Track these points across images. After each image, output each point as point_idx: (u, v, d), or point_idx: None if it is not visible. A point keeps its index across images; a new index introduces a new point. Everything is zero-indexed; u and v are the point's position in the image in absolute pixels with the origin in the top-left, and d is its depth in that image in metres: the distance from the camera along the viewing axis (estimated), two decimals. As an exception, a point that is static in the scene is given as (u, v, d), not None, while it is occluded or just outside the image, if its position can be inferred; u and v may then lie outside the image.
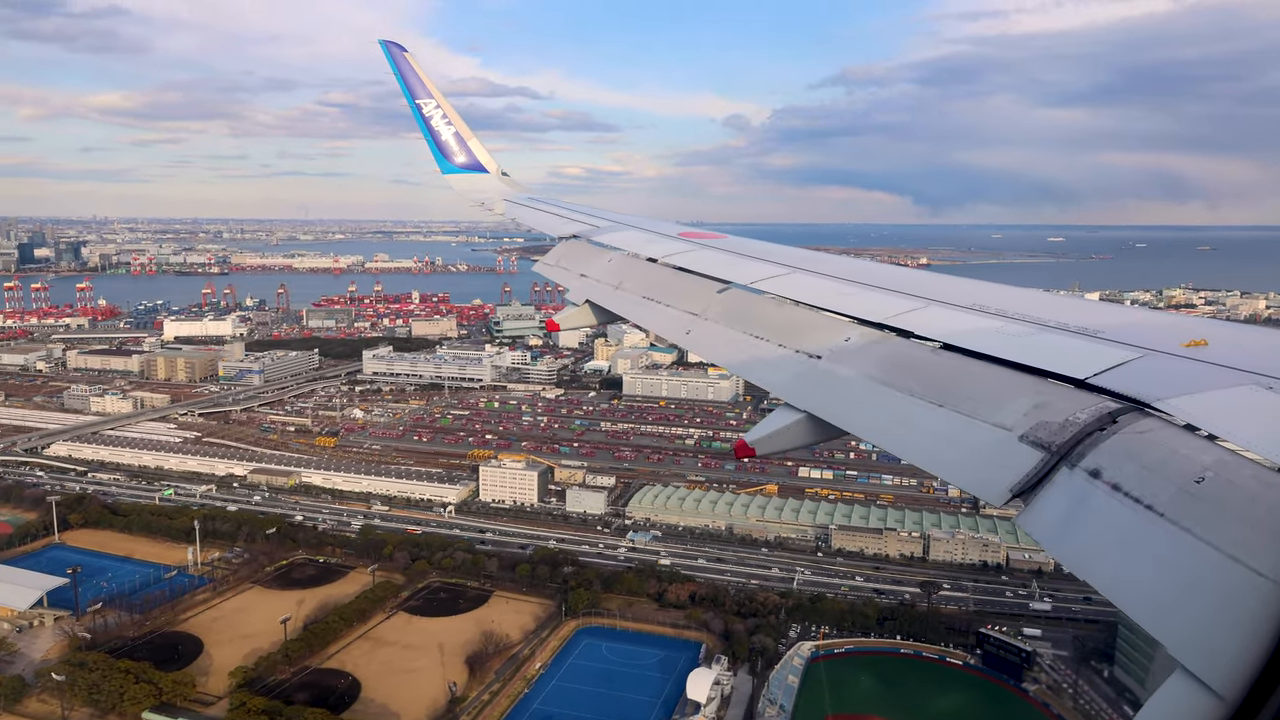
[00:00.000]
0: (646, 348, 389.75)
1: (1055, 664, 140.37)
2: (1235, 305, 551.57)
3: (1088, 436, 6.76)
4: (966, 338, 9.47)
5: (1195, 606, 5.11)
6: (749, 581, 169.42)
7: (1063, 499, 6.47)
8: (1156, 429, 6.54)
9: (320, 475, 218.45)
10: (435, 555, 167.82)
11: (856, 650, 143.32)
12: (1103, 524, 6.05)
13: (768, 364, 11.50)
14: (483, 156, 32.24)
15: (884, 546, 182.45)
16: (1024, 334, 9.38)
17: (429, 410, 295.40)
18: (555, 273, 20.09)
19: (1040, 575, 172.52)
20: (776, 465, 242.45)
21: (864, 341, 10.53)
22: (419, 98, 30.48)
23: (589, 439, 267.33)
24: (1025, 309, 10.27)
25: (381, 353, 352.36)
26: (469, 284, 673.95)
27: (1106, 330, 8.96)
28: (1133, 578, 5.68)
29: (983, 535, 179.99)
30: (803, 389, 10.31)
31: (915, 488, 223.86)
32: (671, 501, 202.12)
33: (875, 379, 9.59)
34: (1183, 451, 6.08)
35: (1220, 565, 5.07)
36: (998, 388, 8.24)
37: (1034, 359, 8.38)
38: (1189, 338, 8.21)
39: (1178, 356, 7.93)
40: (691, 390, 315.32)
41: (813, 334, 11.35)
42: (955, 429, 8.00)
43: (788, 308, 12.65)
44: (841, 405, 9.69)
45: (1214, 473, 5.70)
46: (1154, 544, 5.61)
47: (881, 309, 11.18)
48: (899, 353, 9.96)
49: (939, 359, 9.47)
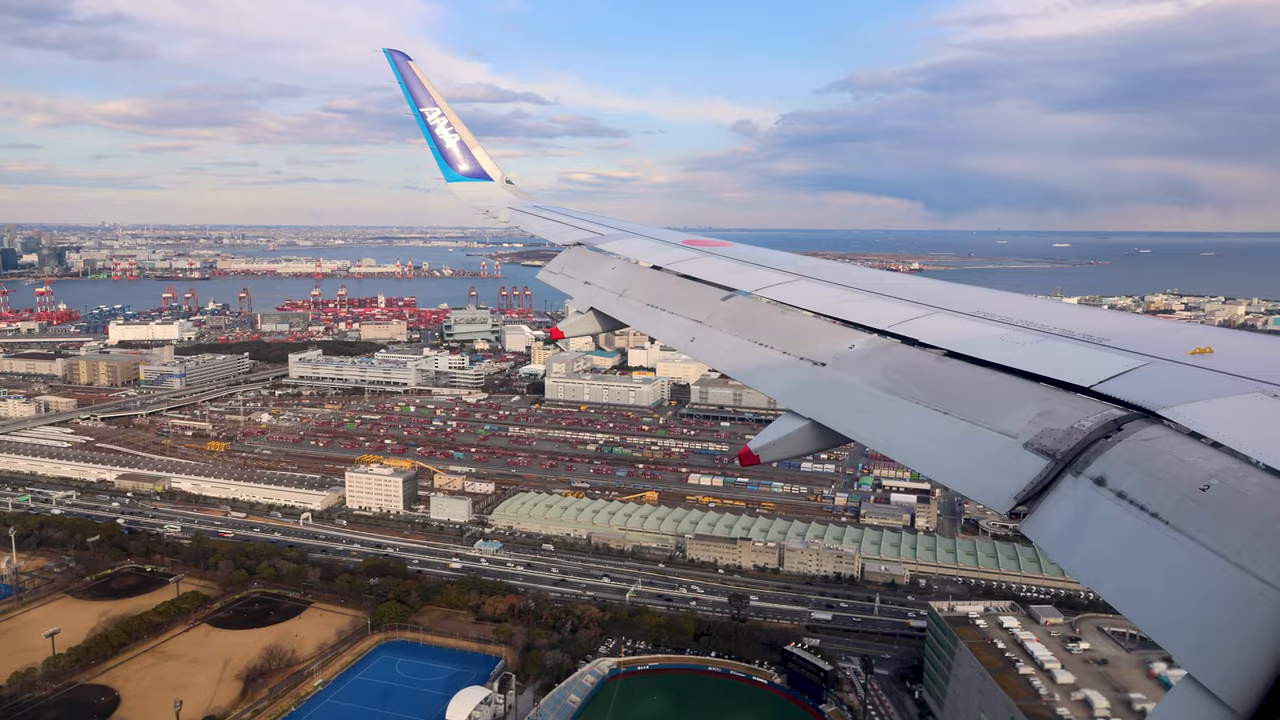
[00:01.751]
0: (587, 352, 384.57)
1: (871, 682, 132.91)
2: (1214, 310, 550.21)
3: (1093, 444, 6.69)
4: (971, 345, 9.41)
5: (1201, 616, 5.03)
6: (584, 593, 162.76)
7: (1067, 507, 6.39)
8: (1162, 436, 6.46)
9: (190, 481, 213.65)
10: (259, 564, 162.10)
11: (661, 667, 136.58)
12: (1108, 532, 5.94)
13: (772, 371, 11.40)
14: (487, 164, 31.94)
15: (738, 557, 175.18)
16: (1029, 341, 9.30)
17: (340, 415, 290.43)
18: (559, 280, 19.93)
19: (894, 588, 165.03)
20: (669, 471, 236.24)
21: (868, 349, 10.48)
22: (423, 106, 30.33)
23: (492, 444, 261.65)
24: (1030, 316, 10.18)
25: (309, 356, 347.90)
26: (445, 288, 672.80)
27: (1111, 337, 8.83)
28: (1138, 586, 5.60)
29: (838, 547, 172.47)
30: (806, 396, 10.23)
31: (803, 496, 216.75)
32: (537, 510, 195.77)
33: (879, 386, 9.52)
34: (1188, 459, 6.01)
35: (1227, 574, 5.01)
36: (1002, 395, 8.16)
37: (1039, 366, 8.29)
38: (1194, 345, 8.06)
39: (1183, 364, 7.79)
40: (614, 395, 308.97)
41: (817, 341, 11.28)
42: (959, 436, 7.94)
43: (792, 315, 12.67)
44: (845, 412, 9.61)
45: (1220, 480, 5.63)
46: (1159, 552, 5.53)
47: (886, 316, 11.12)
48: (903, 360, 9.88)
49: (943, 366, 9.35)
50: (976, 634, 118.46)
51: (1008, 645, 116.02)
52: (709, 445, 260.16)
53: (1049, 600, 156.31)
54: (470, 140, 31.64)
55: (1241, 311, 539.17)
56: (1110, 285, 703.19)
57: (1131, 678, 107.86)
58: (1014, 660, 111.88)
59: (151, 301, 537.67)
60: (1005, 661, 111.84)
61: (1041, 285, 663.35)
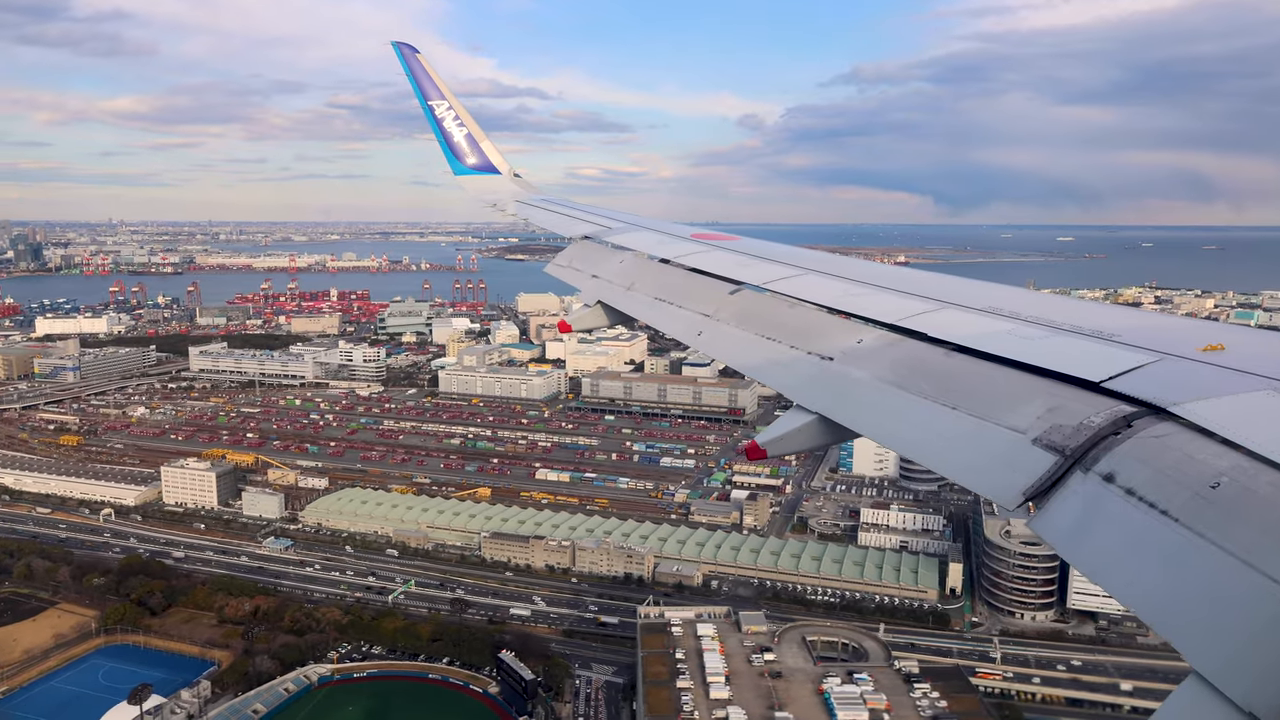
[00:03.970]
0: (505, 344, 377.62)
1: (598, 692, 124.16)
2: (1181, 304, 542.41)
3: (1102, 440, 6.59)
4: (980, 340, 9.28)
5: (1210, 614, 5.01)
6: (347, 595, 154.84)
7: (1076, 503, 6.30)
8: (1172, 433, 6.36)
9: (12, 476, 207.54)
10: (16, 563, 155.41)
11: (379, 674, 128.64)
12: (1116, 529, 5.89)
13: (779, 365, 11.28)
14: (495, 158, 31.49)
15: (530, 557, 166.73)
16: (1038, 337, 9.21)
17: (220, 408, 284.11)
18: (567, 273, 19.74)
19: (681, 589, 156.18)
20: (523, 466, 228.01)
21: (877, 343, 10.36)
22: (431, 99, 30.00)
23: (360, 438, 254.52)
24: (1040, 312, 10.08)
25: (212, 349, 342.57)
26: (414, 282, 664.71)
27: (1122, 334, 8.71)
28: (1147, 584, 5.54)
29: (629, 546, 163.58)
30: (815, 391, 10.13)
31: (645, 493, 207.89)
32: (349, 506, 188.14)
33: (888, 381, 9.43)
34: (1198, 456, 5.92)
35: (1236, 572, 4.97)
36: (1011, 390, 8.06)
37: (1048, 362, 8.15)
38: (1206, 342, 7.92)
39: (1194, 361, 7.66)
40: (505, 388, 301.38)
41: (825, 336, 11.17)
42: (968, 432, 7.85)
43: (800, 309, 12.40)
44: (853, 407, 9.52)
45: (1230, 478, 5.56)
46: (1168, 550, 5.46)
47: (894, 311, 10.92)
48: (912, 355, 9.76)
49: (952, 361, 9.22)
50: (663, 642, 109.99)
51: (689, 655, 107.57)
52: (579, 439, 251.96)
53: (846, 606, 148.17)
54: (478, 134, 31.07)
55: (1210, 305, 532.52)
56: (1096, 279, 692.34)
57: (798, 693, 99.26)
58: (682, 671, 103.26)
59: (96, 296, 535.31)
60: (673, 673, 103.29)
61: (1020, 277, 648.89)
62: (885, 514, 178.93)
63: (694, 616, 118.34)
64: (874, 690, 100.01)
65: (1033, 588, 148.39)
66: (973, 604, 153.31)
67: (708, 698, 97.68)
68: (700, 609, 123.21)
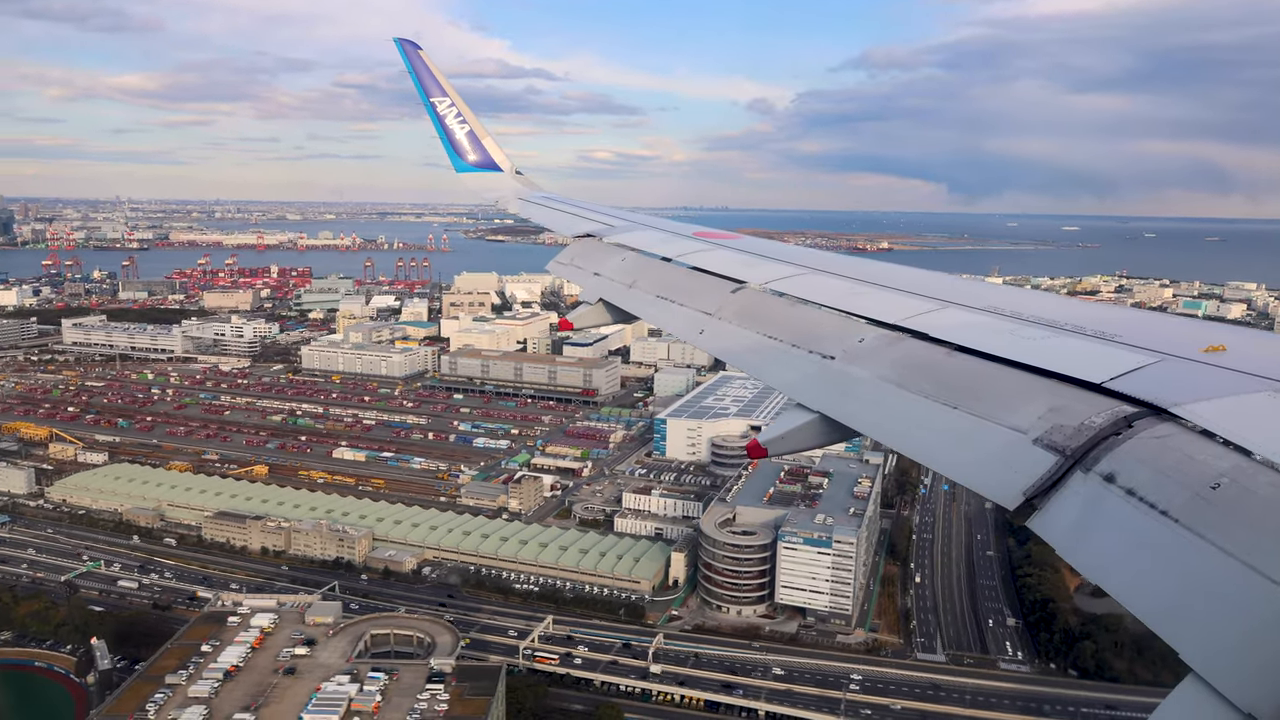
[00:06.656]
0: (405, 322, 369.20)
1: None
2: (1139, 293, 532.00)
3: (1103, 440, 6.54)
4: (981, 340, 9.17)
5: (1209, 615, 5.00)
6: (28, 575, 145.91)
7: (1076, 503, 6.26)
8: (1173, 434, 6.31)
9: None
10: None
11: None
12: (1117, 529, 5.85)
13: (780, 364, 11.12)
14: (496, 155, 30.87)
15: (248, 538, 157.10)
16: (1040, 337, 9.14)
17: (65, 381, 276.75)
18: (569, 271, 19.35)
19: (388, 575, 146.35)
20: (319, 443, 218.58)
21: (877, 343, 10.23)
22: (433, 96, 29.69)
23: (189, 414, 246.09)
24: (1042, 312, 10.01)
25: (87, 322, 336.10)
26: (385, 260, 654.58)
27: (1124, 334, 8.64)
28: (1146, 584, 5.50)
29: (342, 529, 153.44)
30: (815, 390, 10.04)
31: (433, 475, 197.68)
32: (100, 482, 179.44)
33: (889, 380, 9.31)
34: (1199, 457, 5.90)
35: (1236, 572, 4.95)
36: (1012, 390, 7.99)
37: (1050, 362, 8.09)
38: (1207, 343, 7.89)
39: (1195, 362, 7.60)
40: (366, 365, 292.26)
41: (826, 335, 11.02)
42: (969, 431, 7.79)
43: (801, 308, 12.32)
44: (854, 406, 9.44)
45: (1230, 479, 5.54)
46: (1168, 550, 5.44)
47: (895, 310, 10.82)
48: (913, 354, 9.63)
49: (953, 361, 9.12)
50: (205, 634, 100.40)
51: (220, 647, 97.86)
52: (408, 418, 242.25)
53: (544, 595, 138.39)
54: (480, 131, 30.71)
55: (1169, 294, 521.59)
56: (1068, 268, 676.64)
57: (295, 692, 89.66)
58: (192, 665, 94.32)
59: (36, 270, 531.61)
60: (182, 666, 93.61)
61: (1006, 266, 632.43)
62: (645, 500, 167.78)
63: (275, 605, 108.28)
64: (378, 690, 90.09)
65: (746, 580, 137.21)
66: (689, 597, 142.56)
67: (186, 695, 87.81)
68: (289, 598, 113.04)
